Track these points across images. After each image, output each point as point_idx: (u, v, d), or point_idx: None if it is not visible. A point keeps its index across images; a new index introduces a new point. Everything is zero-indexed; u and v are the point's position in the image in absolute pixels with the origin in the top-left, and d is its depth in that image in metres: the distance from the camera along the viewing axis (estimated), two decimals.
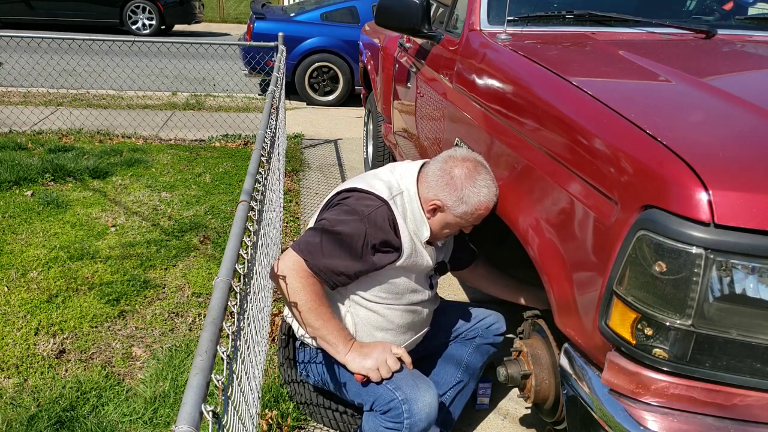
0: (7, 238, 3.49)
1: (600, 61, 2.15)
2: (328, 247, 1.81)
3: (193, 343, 2.65)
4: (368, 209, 1.84)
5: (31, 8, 11.57)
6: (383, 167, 2.06)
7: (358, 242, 1.81)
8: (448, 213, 1.88)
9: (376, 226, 1.83)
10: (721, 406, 1.33)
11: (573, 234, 1.59)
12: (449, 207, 1.87)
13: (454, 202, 1.86)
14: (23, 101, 6.62)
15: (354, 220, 1.82)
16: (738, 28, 2.64)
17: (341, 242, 1.81)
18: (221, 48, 8.00)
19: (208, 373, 0.89)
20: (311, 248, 1.81)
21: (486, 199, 1.87)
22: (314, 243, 1.81)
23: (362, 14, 7.68)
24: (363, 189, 1.90)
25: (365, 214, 1.83)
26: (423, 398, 1.83)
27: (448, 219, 1.90)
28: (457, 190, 1.85)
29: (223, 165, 4.98)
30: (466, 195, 1.85)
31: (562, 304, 1.63)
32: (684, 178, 1.27)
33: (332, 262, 1.81)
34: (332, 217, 1.86)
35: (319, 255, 1.80)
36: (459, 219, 1.89)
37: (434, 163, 1.94)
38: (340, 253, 1.81)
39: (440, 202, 1.87)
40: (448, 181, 1.86)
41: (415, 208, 1.91)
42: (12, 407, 2.23)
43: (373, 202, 1.86)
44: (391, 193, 1.89)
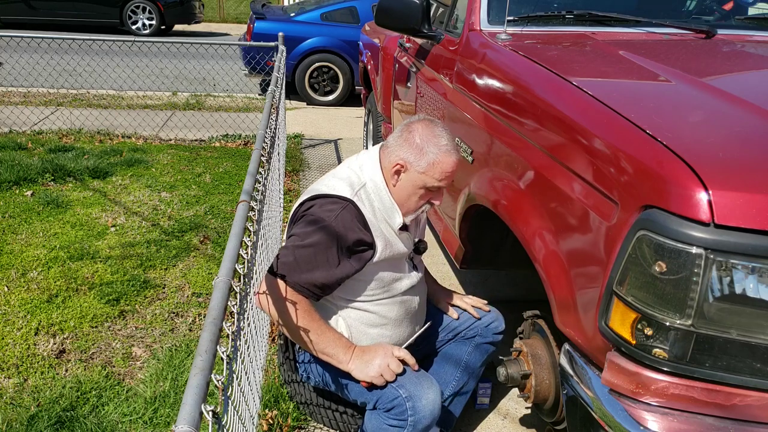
0: (7, 238, 3.49)
1: (600, 61, 2.15)
2: (303, 263, 1.80)
3: (193, 343, 2.65)
4: (333, 213, 1.82)
5: (31, 8, 11.57)
6: (341, 164, 2.05)
7: (331, 250, 1.80)
8: (412, 171, 1.85)
9: (346, 228, 1.81)
10: (721, 406, 1.33)
11: (573, 234, 1.59)
12: (411, 163, 1.84)
13: (415, 156, 1.83)
14: (23, 101, 6.62)
15: (322, 229, 1.81)
16: (738, 28, 2.64)
17: (315, 254, 1.80)
18: (221, 48, 8.00)
19: (208, 373, 0.89)
20: (287, 268, 1.79)
21: (447, 148, 1.83)
22: (288, 262, 1.80)
23: (362, 14, 7.68)
24: (324, 194, 1.87)
25: (331, 220, 1.81)
26: (427, 395, 1.83)
27: (413, 179, 1.86)
28: (416, 144, 1.83)
29: (223, 165, 4.98)
30: (426, 147, 1.82)
31: (562, 304, 1.63)
32: (684, 178, 1.27)
33: (311, 276, 1.80)
34: (300, 231, 1.83)
35: (296, 272, 1.79)
36: (424, 175, 1.84)
37: (392, 133, 1.94)
38: (317, 265, 1.80)
39: (402, 160, 1.85)
40: (407, 137, 1.86)
41: (383, 195, 1.89)
42: (12, 407, 2.23)
43: (336, 205, 1.83)
44: (353, 189, 1.87)
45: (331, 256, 1.81)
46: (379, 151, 1.95)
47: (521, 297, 3.18)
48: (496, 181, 2.08)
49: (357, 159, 2.00)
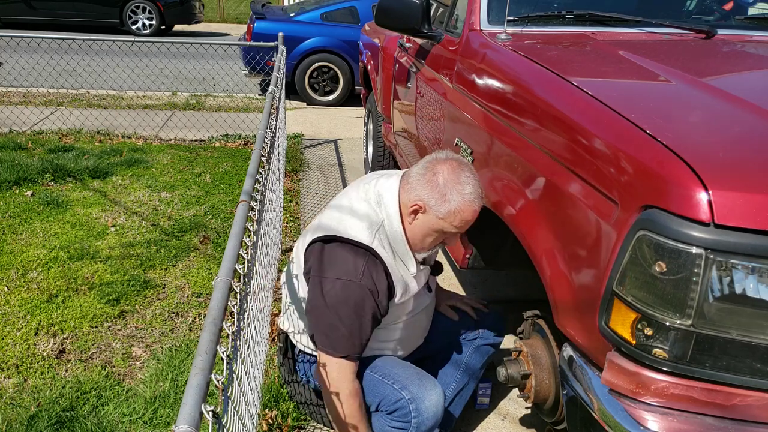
0: (7, 238, 3.49)
1: (600, 61, 2.15)
2: (351, 328, 1.77)
3: (193, 343, 2.65)
4: (359, 267, 1.76)
5: (31, 8, 11.57)
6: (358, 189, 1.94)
7: (370, 304, 1.78)
8: (430, 214, 1.76)
9: (376, 281, 1.78)
10: (721, 406, 1.33)
11: (573, 234, 1.59)
12: (431, 207, 1.75)
13: (436, 201, 1.74)
14: (23, 101, 6.62)
15: (353, 288, 1.76)
16: (738, 28, 2.64)
17: (358, 315, 1.77)
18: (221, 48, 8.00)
19: (208, 373, 0.88)
20: (343, 341, 1.77)
21: (470, 198, 1.74)
22: (341, 334, 1.76)
23: (362, 14, 7.68)
24: (344, 237, 1.79)
25: (360, 276, 1.76)
26: (430, 397, 1.83)
27: (430, 222, 1.77)
28: (440, 187, 1.73)
29: (223, 165, 4.98)
30: (449, 192, 1.73)
31: (562, 304, 1.63)
32: (684, 178, 1.27)
33: (361, 335, 1.79)
34: (331, 295, 1.78)
35: (352, 341, 1.77)
36: (442, 221, 1.76)
37: (415, 166, 1.84)
38: (363, 323, 1.78)
39: (421, 201, 1.75)
40: (430, 178, 1.75)
41: (399, 239, 1.82)
42: (12, 407, 2.23)
43: (359, 257, 1.77)
44: (372, 232, 1.79)
45: (373, 310, 1.79)
46: (400, 184, 1.84)
47: (521, 297, 3.18)
48: (496, 181, 2.08)
49: (375, 188, 1.88)
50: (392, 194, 1.83)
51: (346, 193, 1.99)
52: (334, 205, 1.96)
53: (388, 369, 1.92)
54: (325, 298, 1.78)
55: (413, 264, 1.86)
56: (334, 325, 1.78)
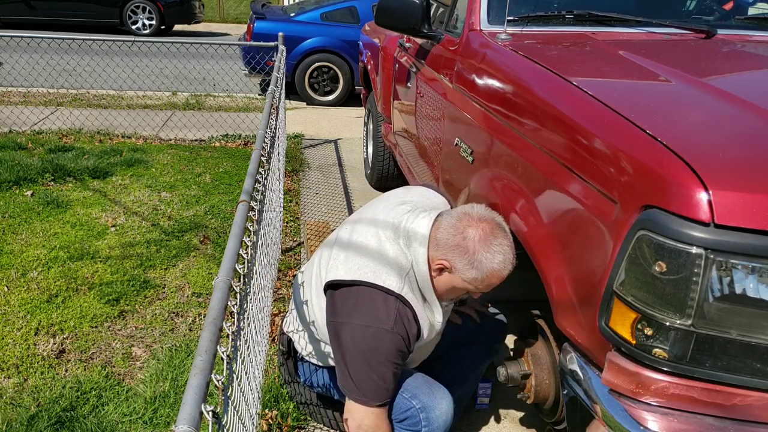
0: (7, 238, 3.49)
1: (600, 61, 2.15)
2: (385, 376, 1.72)
3: (193, 343, 2.65)
4: (391, 314, 1.70)
5: (31, 8, 11.57)
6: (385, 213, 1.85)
7: (402, 351, 1.73)
8: (456, 276, 1.71)
9: (407, 328, 1.73)
10: (721, 406, 1.33)
11: (573, 234, 1.59)
12: (458, 270, 1.69)
13: (464, 265, 1.68)
14: (23, 101, 6.62)
15: (385, 336, 1.69)
16: (738, 28, 2.64)
17: (391, 363, 1.72)
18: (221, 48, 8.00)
19: (208, 373, 0.89)
20: (377, 390, 1.72)
21: (500, 267, 1.67)
22: (374, 383, 1.71)
23: (362, 14, 7.68)
24: (373, 283, 1.72)
25: (392, 324, 1.70)
26: (440, 406, 1.82)
27: (455, 282, 1.73)
28: (469, 254, 1.66)
29: (223, 165, 4.98)
30: (479, 260, 1.66)
31: (562, 304, 1.63)
32: (684, 178, 1.27)
33: (394, 381, 1.74)
34: (362, 343, 1.71)
35: (386, 388, 1.72)
36: (467, 284, 1.71)
37: (448, 218, 1.74)
38: (395, 370, 1.74)
39: (448, 263, 1.69)
40: (460, 241, 1.67)
41: (427, 288, 1.77)
42: (12, 407, 2.23)
43: (390, 305, 1.70)
44: (402, 278, 1.72)
45: (403, 356, 1.76)
46: (431, 233, 1.74)
47: (521, 297, 3.17)
48: (496, 181, 2.08)
49: (404, 228, 1.78)
50: (422, 241, 1.75)
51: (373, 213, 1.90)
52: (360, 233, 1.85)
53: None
54: (356, 346, 1.72)
55: (440, 312, 1.81)
56: (366, 374, 1.71)
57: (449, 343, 2.25)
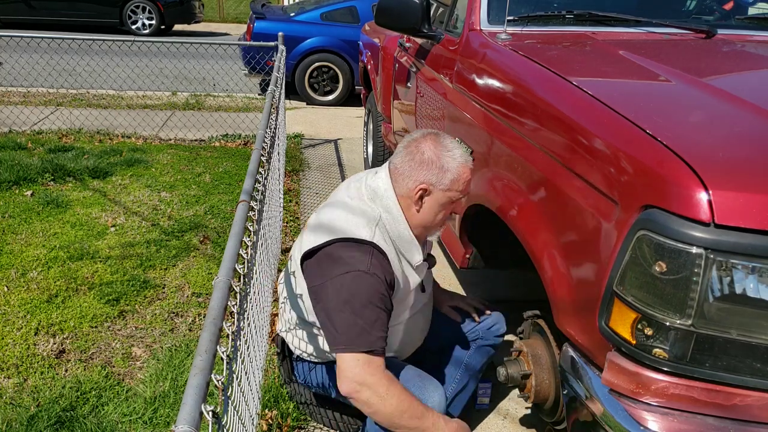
0: (7, 238, 3.49)
1: (600, 61, 2.15)
2: (370, 319, 1.70)
3: (193, 343, 2.65)
4: (365, 259, 1.73)
5: (31, 8, 11.57)
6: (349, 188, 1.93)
7: (383, 293, 1.73)
8: (436, 191, 1.79)
9: (384, 272, 1.74)
10: (721, 406, 1.33)
11: (573, 234, 1.59)
12: (434, 184, 1.78)
13: (437, 175, 1.77)
14: (23, 101, 6.62)
15: (364, 278, 1.71)
16: (738, 28, 2.64)
17: (374, 305, 1.71)
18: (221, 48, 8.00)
19: (208, 373, 0.88)
20: (365, 335, 1.69)
21: (463, 159, 1.79)
22: (360, 328, 1.69)
23: (362, 14, 7.68)
24: (344, 237, 1.76)
25: (369, 266, 1.72)
26: (432, 399, 1.82)
27: (438, 199, 1.80)
28: (435, 163, 1.77)
29: (223, 165, 4.98)
30: (445, 163, 1.77)
31: (562, 304, 1.63)
32: (684, 178, 1.27)
33: (382, 326, 1.72)
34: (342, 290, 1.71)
35: (374, 333, 1.69)
36: (449, 192, 1.79)
37: (397, 156, 1.85)
38: (380, 314, 1.72)
39: (424, 184, 1.77)
40: (421, 159, 1.78)
41: (402, 230, 1.81)
42: (12, 407, 2.23)
43: (363, 253, 1.74)
44: (371, 228, 1.77)
45: (384, 299, 1.74)
46: (390, 176, 1.85)
47: (521, 297, 3.17)
48: (496, 181, 2.08)
49: (366, 185, 1.88)
50: (386, 187, 1.83)
51: (335, 196, 1.96)
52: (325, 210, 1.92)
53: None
54: (337, 296, 1.72)
55: (419, 253, 1.85)
56: (351, 321, 1.70)
57: (448, 341, 2.25)
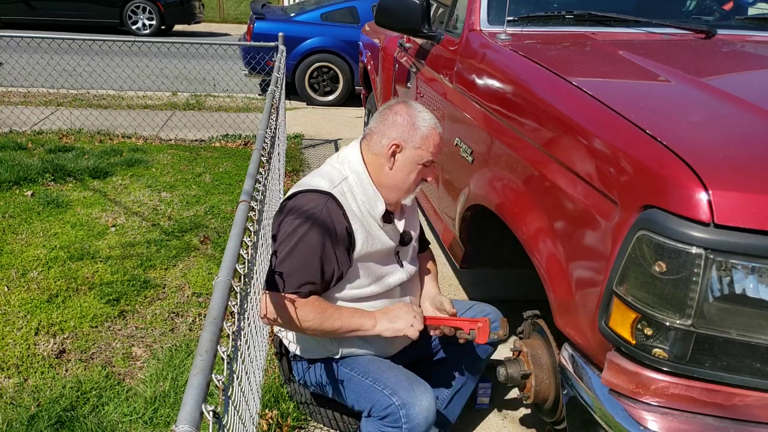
0: (7, 238, 3.49)
1: (600, 62, 2.15)
2: (305, 264, 1.80)
3: (193, 343, 2.65)
4: (317, 206, 1.83)
5: (31, 8, 11.57)
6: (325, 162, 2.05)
7: (326, 244, 1.82)
8: (408, 148, 1.88)
9: (333, 220, 1.83)
10: (721, 406, 1.33)
11: (573, 234, 1.59)
12: (407, 140, 1.87)
13: (409, 133, 1.87)
14: (23, 101, 6.62)
15: (311, 224, 1.81)
16: (738, 28, 2.64)
17: (311, 251, 1.80)
18: (221, 48, 8.00)
19: (209, 373, 0.89)
20: (296, 275, 1.79)
21: (433, 122, 1.90)
22: (294, 268, 1.79)
23: (362, 14, 7.68)
24: (303, 189, 1.89)
25: (317, 216, 1.82)
26: (420, 402, 1.82)
27: (409, 157, 1.89)
28: (406, 123, 1.87)
29: (223, 165, 4.98)
30: (416, 122, 1.87)
31: (562, 304, 1.63)
32: (684, 178, 1.27)
33: (311, 274, 1.81)
34: (289, 229, 1.83)
35: (295, 277, 1.79)
36: (419, 150, 1.88)
37: (372, 122, 1.96)
38: (315, 262, 1.81)
39: (396, 140, 1.87)
40: (393, 120, 1.89)
41: (366, 185, 1.90)
42: (12, 407, 2.23)
43: (316, 201, 1.84)
44: (333, 183, 1.88)
45: (327, 251, 1.82)
46: (361, 143, 1.97)
47: (521, 297, 3.17)
48: (496, 181, 2.08)
49: (338, 155, 2.01)
50: (353, 152, 1.95)
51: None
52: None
53: (378, 374, 1.91)
54: (284, 237, 1.82)
55: (381, 204, 1.91)
56: (289, 261, 1.80)
57: (445, 341, 2.25)
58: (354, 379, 1.94)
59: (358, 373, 1.94)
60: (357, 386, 1.93)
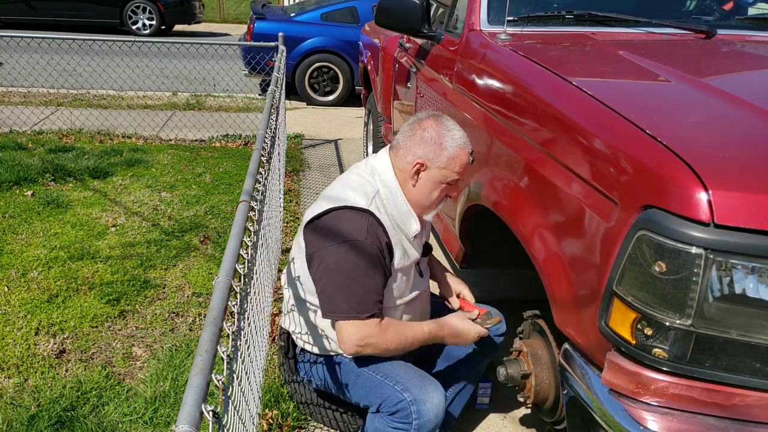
0: (7, 238, 3.49)
1: (600, 62, 2.15)
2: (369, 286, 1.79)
3: (193, 343, 2.65)
4: (362, 230, 1.79)
5: (31, 8, 11.57)
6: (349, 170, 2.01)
7: (379, 261, 1.81)
8: (432, 168, 1.86)
9: (379, 238, 1.81)
10: (721, 406, 1.33)
11: (573, 234, 1.59)
12: (432, 160, 1.85)
13: (435, 152, 1.84)
14: (23, 101, 6.62)
15: (361, 247, 1.78)
16: (738, 28, 2.64)
17: (372, 273, 1.79)
18: (221, 48, 8.00)
19: (209, 373, 0.89)
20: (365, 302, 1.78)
21: (462, 142, 1.87)
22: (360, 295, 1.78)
23: (362, 14, 7.68)
24: (341, 205, 1.84)
25: (366, 234, 1.78)
26: (431, 399, 1.83)
27: (433, 176, 1.87)
28: (435, 141, 1.85)
29: (223, 165, 4.98)
30: (445, 142, 1.85)
31: (562, 304, 1.63)
32: (684, 178, 1.27)
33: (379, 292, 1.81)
34: (341, 260, 1.79)
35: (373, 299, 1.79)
36: (444, 170, 1.86)
37: (400, 134, 1.94)
38: (377, 280, 1.80)
39: (421, 159, 1.85)
40: (421, 136, 1.86)
41: (399, 201, 1.88)
42: (12, 407, 2.23)
43: (359, 218, 1.81)
44: (368, 198, 1.85)
45: (381, 268, 1.82)
46: (389, 153, 1.94)
47: (521, 297, 3.17)
48: (496, 181, 2.08)
49: (366, 164, 1.97)
50: (384, 163, 1.92)
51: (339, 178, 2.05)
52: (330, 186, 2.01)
53: (389, 370, 1.92)
54: (337, 265, 1.80)
55: (416, 222, 1.90)
56: (351, 289, 1.78)
57: None
58: (364, 374, 1.94)
59: (368, 368, 1.94)
60: (367, 381, 1.93)
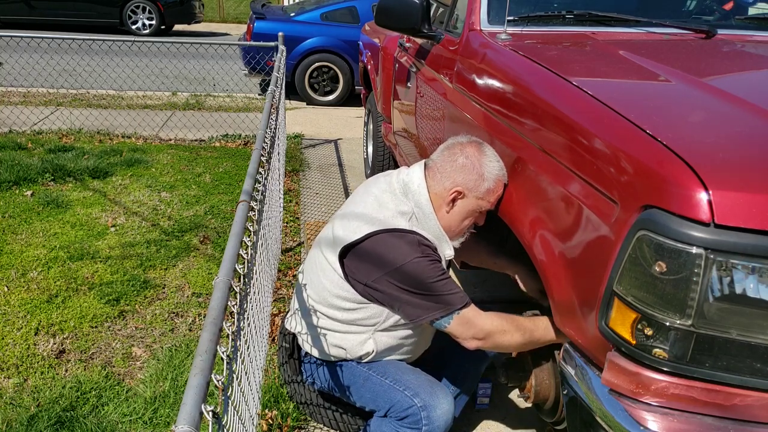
0: (7, 238, 3.49)
1: (600, 61, 2.15)
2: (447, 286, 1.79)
3: (193, 343, 2.65)
4: (413, 245, 1.77)
5: (31, 8, 11.57)
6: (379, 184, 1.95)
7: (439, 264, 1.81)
8: (470, 197, 1.84)
9: (429, 248, 1.81)
10: (721, 406, 1.33)
11: (573, 234, 1.59)
12: (471, 189, 1.82)
13: (474, 181, 1.82)
14: (23, 101, 6.62)
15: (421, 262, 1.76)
16: (738, 28, 2.63)
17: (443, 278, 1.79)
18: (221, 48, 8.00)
19: (208, 373, 0.89)
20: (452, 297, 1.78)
21: (502, 174, 1.86)
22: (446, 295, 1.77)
23: (362, 14, 7.68)
24: (385, 228, 1.80)
25: (419, 251, 1.77)
26: (441, 405, 1.83)
27: (469, 206, 1.85)
28: (476, 169, 1.82)
29: (223, 165, 4.98)
30: (485, 171, 1.82)
31: (562, 304, 1.63)
32: (684, 178, 1.27)
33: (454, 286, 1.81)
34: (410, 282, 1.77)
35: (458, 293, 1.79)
36: (480, 201, 1.85)
37: (438, 155, 1.89)
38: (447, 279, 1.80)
39: (460, 187, 1.82)
40: (464, 162, 1.82)
41: (433, 225, 1.85)
42: (12, 407, 2.23)
43: (408, 239, 1.78)
44: (407, 220, 1.82)
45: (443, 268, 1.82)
46: (425, 173, 1.89)
47: (521, 297, 3.17)
48: None
49: (397, 180, 1.91)
50: (419, 185, 1.87)
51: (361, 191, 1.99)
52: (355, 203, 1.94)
53: (399, 375, 1.91)
54: (409, 286, 1.77)
55: (450, 248, 1.89)
56: (436, 297, 1.77)
57: (448, 341, 2.24)
58: (372, 379, 1.93)
59: (377, 373, 1.93)
60: (375, 386, 1.92)
